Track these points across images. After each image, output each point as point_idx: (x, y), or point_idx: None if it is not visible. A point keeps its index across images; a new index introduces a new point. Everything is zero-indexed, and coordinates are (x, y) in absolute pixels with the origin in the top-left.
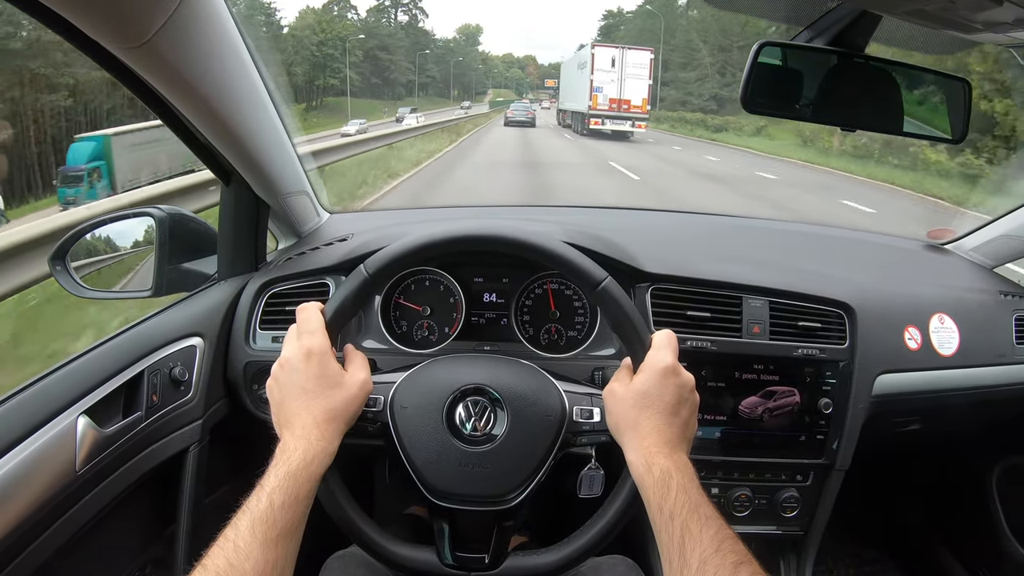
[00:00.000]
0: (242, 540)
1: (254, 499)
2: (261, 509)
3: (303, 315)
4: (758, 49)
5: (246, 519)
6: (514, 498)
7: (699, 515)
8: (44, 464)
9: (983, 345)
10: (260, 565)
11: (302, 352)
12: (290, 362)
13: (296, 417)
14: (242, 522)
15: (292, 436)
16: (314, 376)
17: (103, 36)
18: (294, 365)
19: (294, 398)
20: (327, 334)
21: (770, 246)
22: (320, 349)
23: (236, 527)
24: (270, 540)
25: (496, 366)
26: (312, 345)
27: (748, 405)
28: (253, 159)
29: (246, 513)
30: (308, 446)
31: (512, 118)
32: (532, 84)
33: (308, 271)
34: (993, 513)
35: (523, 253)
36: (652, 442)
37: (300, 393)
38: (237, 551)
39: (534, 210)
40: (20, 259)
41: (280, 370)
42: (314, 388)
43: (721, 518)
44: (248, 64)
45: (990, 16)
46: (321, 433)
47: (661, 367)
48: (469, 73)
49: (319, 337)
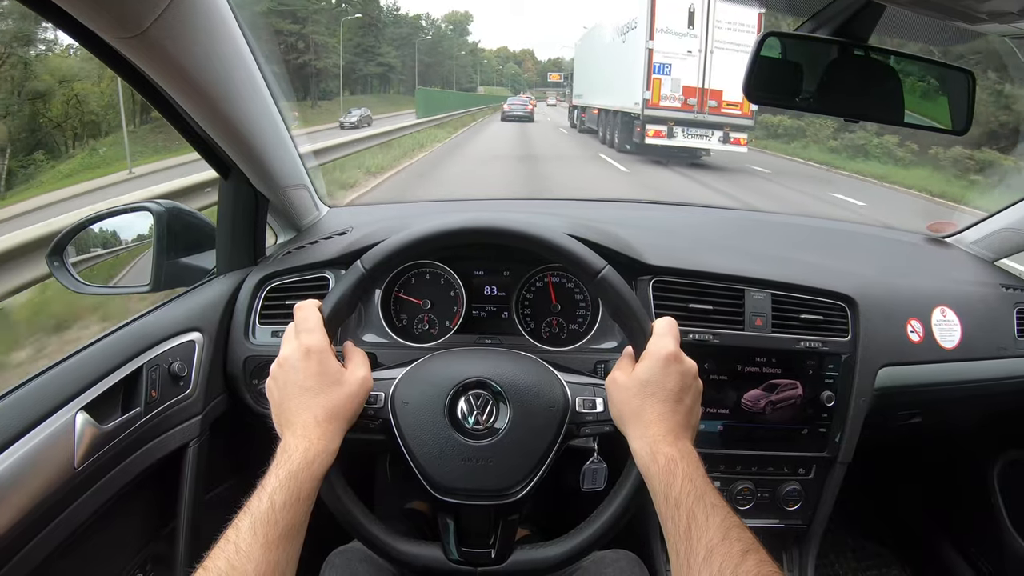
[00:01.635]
0: (243, 541)
1: (255, 500)
2: (262, 510)
3: (301, 313)
4: (762, 39)
5: (247, 520)
6: (518, 492)
7: (705, 503)
8: (43, 461)
9: (985, 338)
10: (262, 566)
11: (301, 350)
12: (289, 361)
13: (296, 416)
14: (243, 523)
15: (293, 436)
16: (314, 374)
17: (99, 26)
18: (293, 364)
19: (294, 397)
20: (326, 332)
21: (772, 239)
22: (319, 347)
23: (237, 528)
24: (271, 541)
25: (498, 359)
26: (311, 343)
27: (750, 398)
28: (252, 152)
29: (247, 514)
30: (309, 445)
31: (509, 112)
32: (530, 81)
33: (307, 265)
34: (995, 506)
35: (521, 244)
36: (656, 430)
37: (300, 392)
38: (238, 552)
39: (534, 203)
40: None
41: (279, 369)
42: (314, 386)
43: (727, 506)
44: (247, 56)
45: (995, 5)
46: (322, 432)
47: (663, 354)
48: (447, 63)
49: (318, 335)
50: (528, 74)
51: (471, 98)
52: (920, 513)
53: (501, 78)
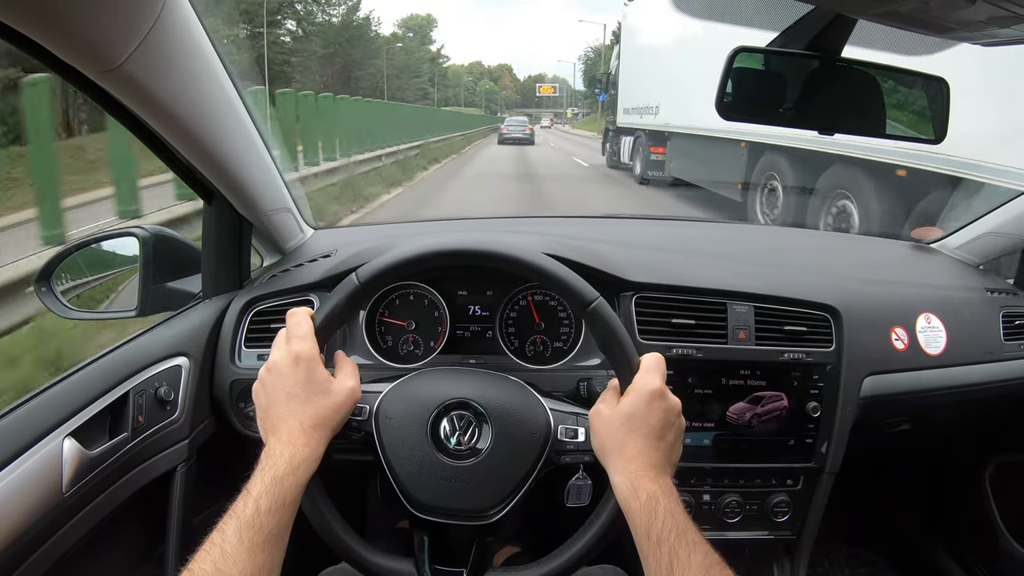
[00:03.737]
0: (229, 545)
1: (240, 504)
2: (248, 514)
3: (293, 320)
4: (733, 55)
5: (233, 524)
6: (495, 514)
7: (686, 540)
8: (30, 487)
9: (971, 343)
10: (247, 570)
11: (290, 357)
12: (278, 366)
13: (282, 422)
14: (229, 527)
15: (278, 441)
16: (302, 381)
17: (76, 61)
18: (281, 370)
19: (281, 403)
20: (316, 340)
21: (754, 251)
22: (309, 355)
23: (223, 532)
24: (257, 545)
25: (482, 381)
26: (301, 350)
27: (736, 411)
28: (234, 178)
29: (233, 518)
30: (294, 452)
31: (507, 134)
32: (508, 100)
33: (292, 288)
34: (988, 511)
35: (515, 269)
36: (638, 465)
37: (287, 398)
38: (224, 556)
39: (518, 221)
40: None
41: (267, 374)
42: (301, 393)
43: (708, 543)
44: (225, 82)
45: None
46: (307, 439)
47: (648, 390)
48: (410, 79)
49: (308, 343)
50: (506, 92)
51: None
52: (913, 519)
53: (473, 97)
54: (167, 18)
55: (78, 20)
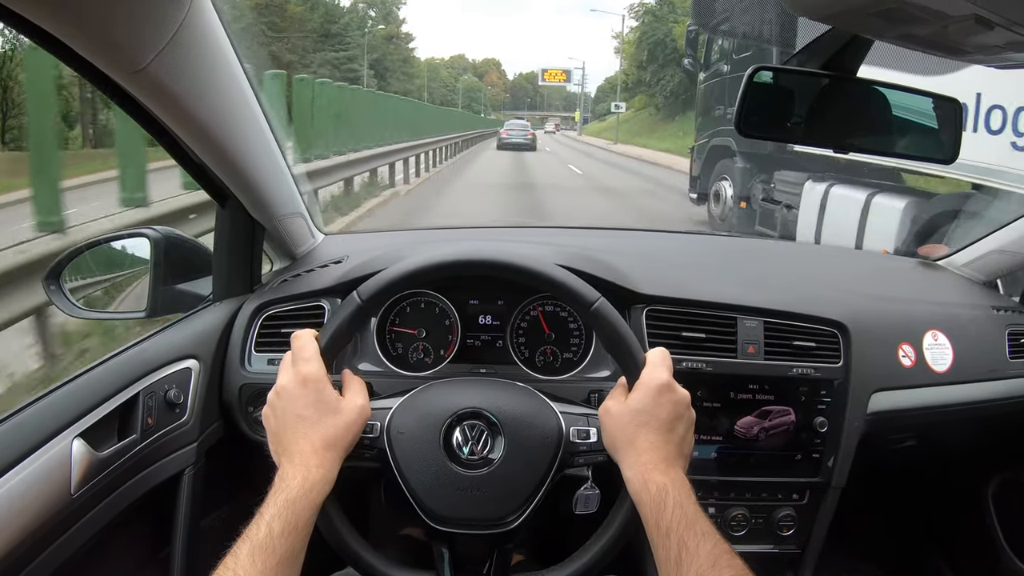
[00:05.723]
0: (242, 568)
1: (253, 527)
2: (260, 537)
3: (298, 343)
4: (752, 73)
5: (246, 547)
6: (513, 521)
7: (695, 531)
8: (39, 488)
9: (977, 361)
10: None
11: (298, 379)
12: (286, 390)
13: (294, 445)
14: (242, 550)
15: (291, 464)
16: (311, 403)
17: (101, 62)
18: (290, 392)
19: (291, 426)
20: (322, 360)
21: (764, 266)
22: (316, 376)
23: (236, 555)
24: (269, 568)
25: (492, 390)
26: (308, 372)
27: (744, 425)
28: (249, 181)
29: (246, 541)
30: (307, 474)
31: (507, 139)
32: (495, 101)
33: (303, 293)
34: (990, 528)
35: (516, 276)
36: (649, 459)
37: (297, 421)
38: None
39: (529, 231)
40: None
41: (276, 398)
42: (311, 415)
43: (717, 533)
44: (245, 86)
45: (981, 40)
46: (320, 461)
47: (656, 384)
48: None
49: (314, 364)
50: (494, 89)
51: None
52: (916, 535)
53: (453, 95)
54: (192, 20)
55: (107, 21)
